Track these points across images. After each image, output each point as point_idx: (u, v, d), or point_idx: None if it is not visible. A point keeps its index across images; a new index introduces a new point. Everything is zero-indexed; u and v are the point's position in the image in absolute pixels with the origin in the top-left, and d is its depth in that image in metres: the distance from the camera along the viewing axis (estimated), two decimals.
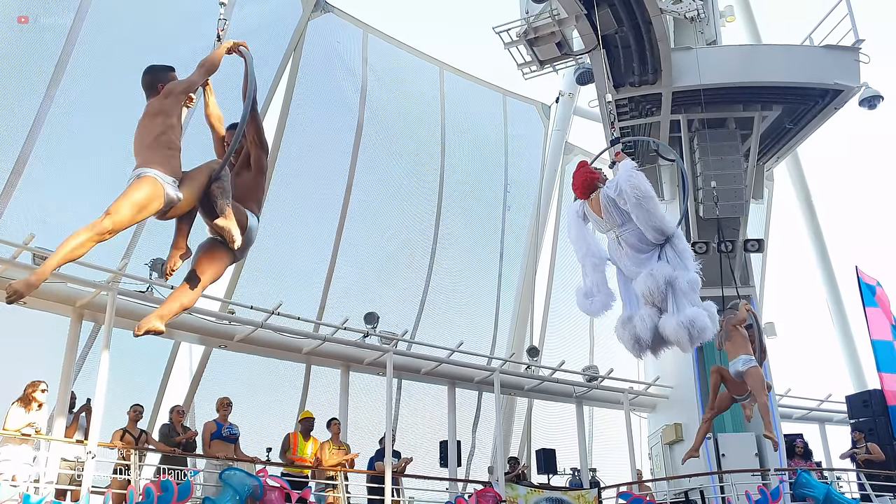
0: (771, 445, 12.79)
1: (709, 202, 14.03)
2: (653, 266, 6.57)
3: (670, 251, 6.61)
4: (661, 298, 6.54)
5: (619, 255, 6.87)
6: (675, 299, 6.49)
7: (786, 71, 13.97)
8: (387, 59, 17.27)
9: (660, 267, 6.54)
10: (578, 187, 7.11)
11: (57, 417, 9.11)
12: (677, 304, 6.47)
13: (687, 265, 6.58)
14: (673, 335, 6.48)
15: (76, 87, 11.81)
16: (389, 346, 12.45)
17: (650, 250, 6.66)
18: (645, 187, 6.55)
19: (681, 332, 6.42)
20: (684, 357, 13.97)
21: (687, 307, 6.45)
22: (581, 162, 7.40)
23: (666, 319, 6.51)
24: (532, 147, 19.86)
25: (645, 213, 6.52)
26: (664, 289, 6.48)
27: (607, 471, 15.22)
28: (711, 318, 6.63)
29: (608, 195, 6.72)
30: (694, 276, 6.52)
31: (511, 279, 18.57)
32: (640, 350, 6.91)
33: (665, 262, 6.58)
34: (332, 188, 15.75)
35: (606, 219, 6.82)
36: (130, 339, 10.84)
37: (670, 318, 6.48)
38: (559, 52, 14.27)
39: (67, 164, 11.86)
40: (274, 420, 13.31)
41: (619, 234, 6.76)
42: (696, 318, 6.40)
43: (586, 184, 7.02)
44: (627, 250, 6.74)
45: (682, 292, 6.46)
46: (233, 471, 9.37)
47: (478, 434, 16.06)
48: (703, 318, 6.41)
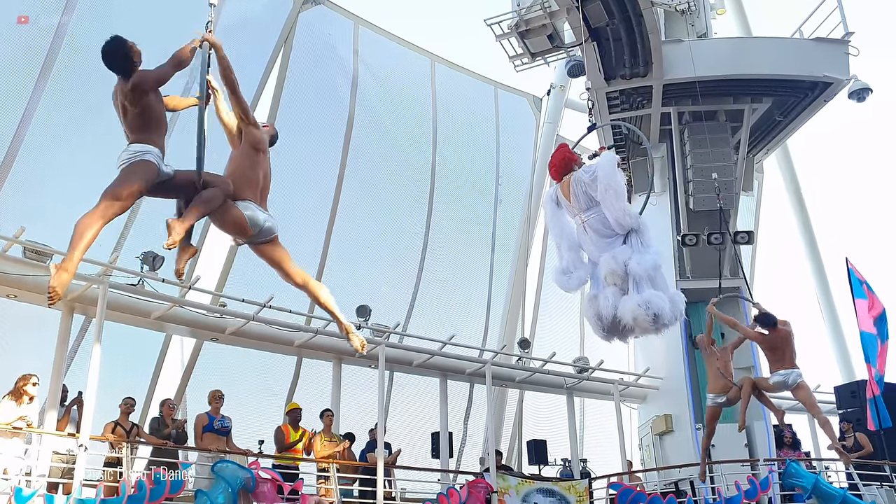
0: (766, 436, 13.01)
1: (699, 194, 14.11)
2: (616, 250, 6.71)
3: (635, 238, 6.74)
4: (622, 280, 6.67)
5: (584, 240, 7.01)
6: (636, 282, 6.60)
7: (776, 63, 14.03)
8: (378, 52, 17.24)
9: (621, 250, 6.69)
10: (554, 166, 7.25)
11: (48, 410, 9.10)
12: (638, 287, 6.59)
13: (648, 250, 6.68)
14: (629, 315, 6.61)
15: (65, 80, 11.75)
16: (381, 339, 12.48)
17: (614, 236, 6.79)
18: (618, 182, 6.69)
19: (637, 312, 6.54)
20: (675, 348, 14.12)
21: (645, 290, 6.56)
22: (562, 143, 7.50)
23: (624, 301, 6.66)
24: (523, 139, 19.87)
25: (611, 203, 6.66)
26: (624, 271, 6.61)
27: (598, 461, 15.32)
28: (672, 302, 6.72)
29: (580, 179, 6.86)
30: (653, 257, 6.61)
31: (502, 272, 18.61)
32: (601, 327, 7.05)
33: (628, 246, 6.70)
34: (322, 180, 15.75)
35: (574, 203, 6.98)
36: (122, 332, 10.93)
37: (628, 300, 6.63)
38: (550, 45, 14.33)
39: (56, 158, 11.81)
40: (266, 413, 13.33)
41: (584, 220, 6.92)
42: (652, 300, 6.51)
43: (563, 164, 7.15)
44: (592, 235, 6.91)
45: (642, 275, 6.57)
46: (225, 463, 9.38)
47: (469, 425, 16.13)
48: (658, 300, 6.51)
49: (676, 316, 6.84)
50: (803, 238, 20.10)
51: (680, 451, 13.83)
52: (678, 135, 14.65)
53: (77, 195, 12.09)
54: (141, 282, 10.42)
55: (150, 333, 11.86)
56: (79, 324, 10.99)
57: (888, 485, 12.07)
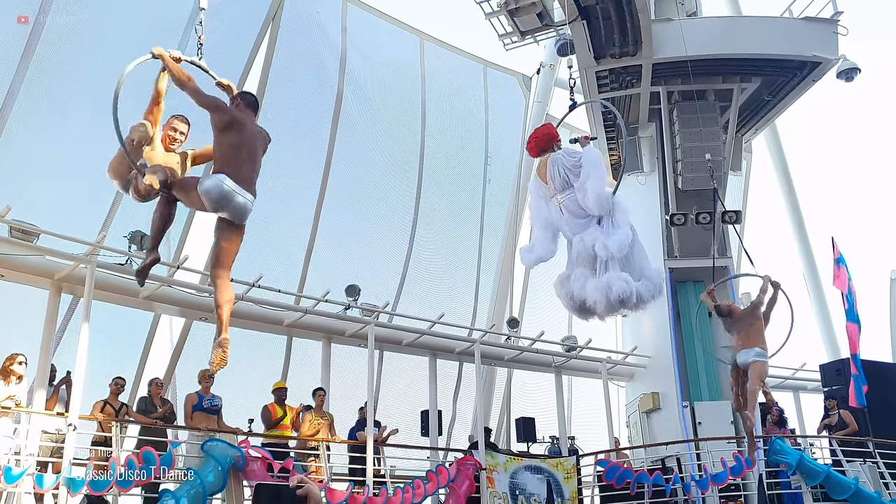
0: None
1: (688, 174, 14.14)
2: (587, 231, 6.75)
3: (606, 219, 6.78)
4: (591, 261, 6.72)
5: (560, 221, 7.05)
6: (603, 263, 6.65)
7: (765, 43, 14.03)
8: (367, 30, 17.10)
9: (591, 232, 6.74)
10: (535, 139, 7.26)
11: (37, 390, 9.09)
12: (605, 268, 6.64)
13: (617, 231, 6.72)
14: (591, 297, 6.67)
15: (50, 59, 11.63)
16: (371, 318, 12.50)
17: (588, 217, 6.83)
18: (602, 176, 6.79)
19: (597, 294, 6.60)
20: (662, 327, 14.23)
21: (609, 272, 6.60)
22: (547, 122, 7.51)
23: (588, 283, 6.72)
24: (513, 119, 19.82)
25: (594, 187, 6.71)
26: (592, 252, 6.65)
27: (586, 439, 15.45)
28: (646, 280, 6.78)
29: (559, 160, 6.88)
30: (618, 238, 6.63)
31: (491, 251, 18.64)
32: (573, 307, 7.13)
33: (598, 228, 6.75)
34: (312, 160, 15.68)
35: (550, 185, 6.99)
36: (110, 311, 10.89)
37: (590, 282, 6.69)
38: (540, 23, 14.26)
39: (42, 138, 11.71)
40: (255, 392, 13.34)
41: (560, 201, 6.95)
42: (613, 283, 6.56)
43: (544, 140, 7.16)
44: (567, 216, 6.94)
45: (608, 257, 6.62)
46: (215, 442, 9.42)
47: (458, 404, 16.22)
48: (620, 283, 6.56)
49: (653, 293, 6.88)
50: (791, 218, 20.22)
51: (667, 429, 13.97)
52: (667, 114, 14.65)
53: (63, 175, 12.08)
54: (129, 261, 10.37)
55: (139, 313, 11.83)
56: (66, 303, 10.94)
57: (871, 461, 12.24)
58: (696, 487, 11.95)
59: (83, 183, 12.27)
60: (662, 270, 7.11)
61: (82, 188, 12.25)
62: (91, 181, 12.25)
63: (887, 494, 11.86)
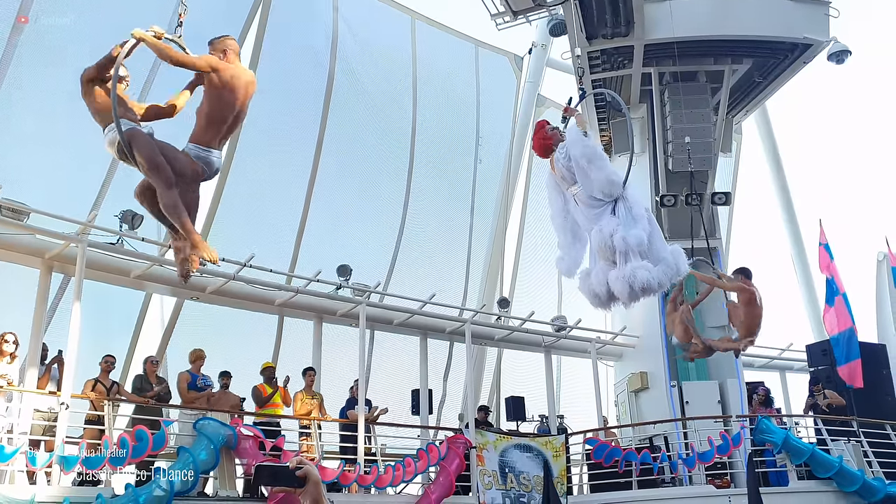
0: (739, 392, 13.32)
1: (679, 155, 14.18)
2: (602, 222, 6.77)
3: (622, 207, 6.78)
4: (610, 253, 6.76)
5: (577, 213, 7.08)
6: (623, 254, 6.68)
7: (756, 24, 14.04)
8: (358, 8, 17.00)
9: (608, 222, 6.76)
10: (537, 150, 7.31)
11: (28, 368, 9.09)
12: (625, 259, 6.68)
13: (636, 221, 6.74)
14: (616, 289, 6.72)
15: (38, 37, 11.53)
16: (362, 298, 12.54)
17: (602, 206, 6.85)
18: (592, 154, 6.75)
19: (620, 285, 6.65)
20: (651, 307, 14.28)
21: (631, 262, 6.65)
22: (539, 123, 7.50)
23: (611, 274, 6.76)
24: (504, 99, 19.79)
25: (594, 174, 6.71)
26: (611, 244, 6.69)
27: (575, 418, 15.59)
28: (672, 259, 6.82)
29: (558, 159, 6.91)
30: (638, 233, 6.66)
31: (482, 231, 18.67)
32: (599, 303, 7.17)
33: (615, 217, 6.76)
34: (303, 140, 15.63)
35: (561, 179, 7.02)
36: (101, 290, 10.89)
37: (614, 273, 6.73)
38: (532, 3, 14.23)
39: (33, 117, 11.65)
40: (247, 371, 13.39)
41: (574, 194, 6.97)
42: (637, 273, 6.61)
43: (542, 147, 7.19)
44: (582, 208, 6.96)
45: (629, 248, 6.65)
46: (207, 420, 9.48)
47: (448, 383, 16.32)
48: (643, 272, 6.60)
49: (670, 276, 6.91)
50: (780, 199, 20.33)
51: (655, 408, 14.12)
52: (658, 95, 14.67)
53: (55, 154, 12.01)
54: (120, 241, 10.36)
55: (130, 292, 11.83)
56: (57, 283, 10.94)
57: (855, 440, 12.42)
58: (684, 466, 12.13)
59: (74, 162, 12.23)
60: (680, 251, 7.11)
61: (73, 167, 12.21)
62: (82, 160, 12.21)
63: (870, 472, 12.06)
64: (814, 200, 20.63)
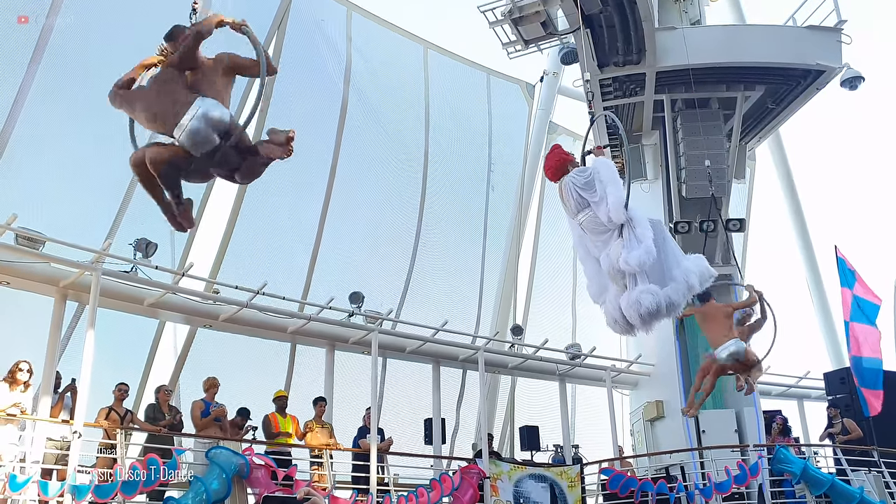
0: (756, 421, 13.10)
1: (692, 182, 14.15)
2: (610, 247, 6.76)
3: (626, 230, 6.75)
4: (620, 277, 6.72)
5: (586, 242, 7.07)
6: (631, 277, 6.65)
7: (769, 51, 14.06)
8: (371, 38, 17.16)
9: (615, 247, 6.73)
10: (550, 168, 7.29)
11: (42, 397, 9.10)
12: (634, 282, 6.64)
13: (640, 242, 6.69)
14: (628, 316, 6.68)
15: (56, 68, 11.68)
16: (374, 325, 12.51)
17: (608, 232, 6.83)
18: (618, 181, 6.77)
19: (630, 312, 6.61)
20: (666, 335, 14.20)
21: (638, 286, 6.60)
22: (555, 145, 7.52)
23: (622, 300, 6.72)
24: (516, 126, 19.86)
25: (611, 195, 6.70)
26: (619, 268, 6.66)
27: (590, 447, 15.41)
28: (695, 274, 6.75)
29: (572, 182, 6.90)
30: (637, 254, 6.61)
31: (495, 258, 18.64)
32: (620, 329, 7.11)
33: (620, 242, 6.74)
34: (316, 167, 15.71)
35: (568, 204, 7.01)
36: (115, 319, 10.92)
37: (623, 299, 6.69)
38: (544, 32, 14.28)
39: (49, 146, 11.75)
40: (259, 399, 13.35)
41: (580, 222, 6.96)
42: (640, 297, 6.57)
43: (557, 165, 7.18)
44: (589, 235, 6.95)
45: (632, 272, 6.62)
46: (219, 449, 9.42)
47: (462, 412, 16.20)
48: (646, 297, 6.56)
49: (684, 294, 6.84)
50: (794, 226, 20.19)
51: (671, 437, 13.95)
52: (671, 122, 14.68)
53: (70, 182, 12.12)
54: (134, 269, 10.41)
55: (144, 320, 11.85)
56: (71, 311, 10.97)
57: (876, 470, 12.20)
58: (701, 496, 11.92)
59: (89, 190, 12.33)
60: (698, 263, 7.03)
61: (88, 196, 12.30)
62: (97, 189, 12.32)
63: None
64: (829, 226, 20.52)
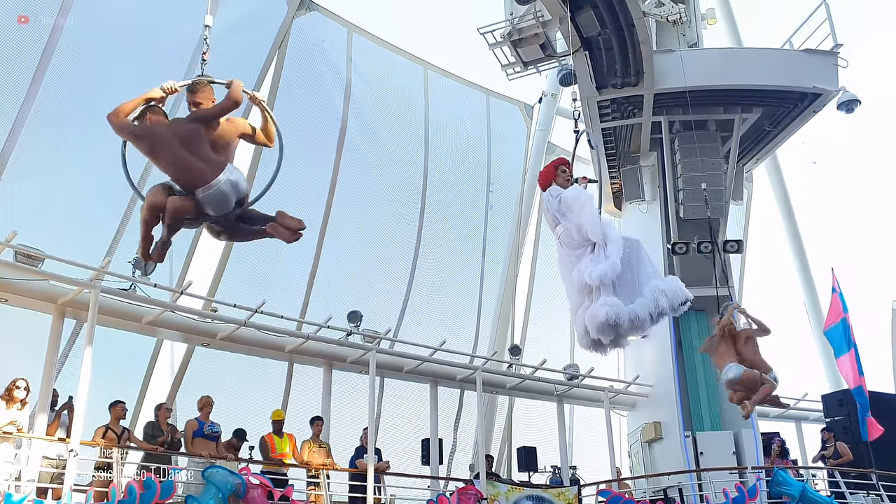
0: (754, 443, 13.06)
1: (690, 203, 14.19)
2: (580, 264, 6.85)
3: (598, 248, 6.85)
4: (588, 292, 6.80)
5: (562, 255, 7.16)
6: (596, 292, 6.73)
7: (766, 74, 14.15)
8: (371, 59, 17.31)
9: (584, 262, 6.82)
10: (543, 172, 7.43)
11: (39, 415, 9.06)
12: (598, 297, 6.73)
13: (606, 258, 6.77)
14: (587, 326, 6.76)
15: (58, 87, 11.76)
16: (372, 345, 12.50)
17: (581, 248, 6.92)
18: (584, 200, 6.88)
19: (589, 322, 6.69)
20: (664, 356, 14.21)
21: (599, 299, 6.69)
22: (561, 159, 7.60)
23: (581, 314, 6.82)
24: (515, 147, 19.98)
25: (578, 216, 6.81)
26: (585, 282, 6.74)
27: (587, 468, 15.36)
28: (635, 308, 6.81)
29: (546, 199, 7.04)
30: (601, 268, 6.70)
31: (493, 278, 18.67)
32: (586, 343, 7.17)
33: (589, 258, 6.83)
34: (315, 185, 15.78)
35: (547, 218, 7.15)
36: (113, 337, 10.91)
37: (582, 313, 6.78)
38: (543, 54, 14.40)
39: (49, 164, 11.82)
40: (256, 418, 13.31)
41: (558, 236, 7.07)
42: (597, 309, 6.65)
43: (545, 175, 7.31)
44: (565, 250, 7.04)
45: (596, 286, 6.70)
46: (215, 469, 9.37)
47: (459, 432, 16.14)
48: (602, 309, 6.64)
49: (660, 308, 6.88)
50: (792, 247, 20.24)
51: (669, 459, 13.89)
52: (668, 144, 14.75)
53: (69, 200, 12.15)
54: (133, 287, 10.41)
55: (141, 338, 11.84)
56: (69, 328, 10.96)
57: (874, 493, 12.16)
58: None
59: (88, 208, 12.36)
60: (671, 285, 7.07)
61: (88, 213, 12.34)
62: (96, 207, 12.36)
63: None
64: (826, 249, 20.54)
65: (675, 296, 6.99)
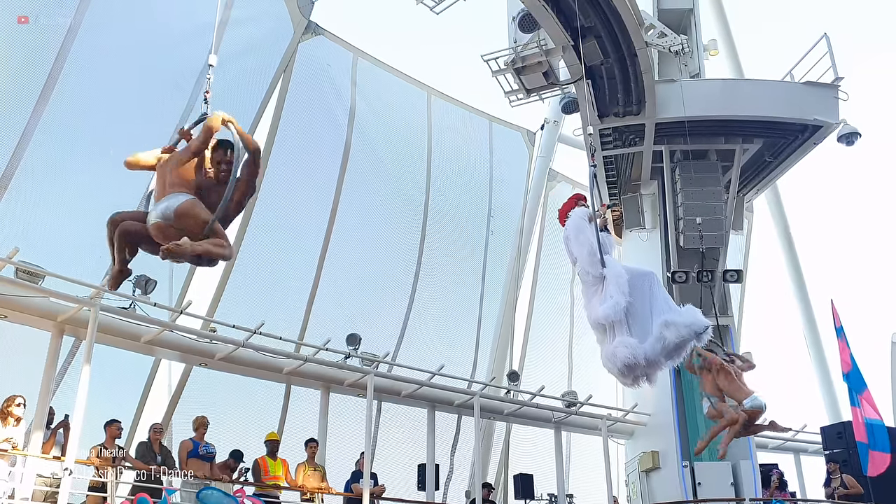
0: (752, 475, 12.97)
1: (690, 232, 14.22)
2: (592, 300, 6.90)
3: (603, 285, 6.91)
4: (601, 330, 6.84)
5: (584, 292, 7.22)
6: (611, 330, 6.76)
7: (767, 105, 14.26)
8: (376, 83, 17.44)
9: (595, 301, 6.87)
10: (560, 212, 7.49)
11: (34, 433, 9.03)
12: (613, 336, 6.76)
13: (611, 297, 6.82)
14: (606, 367, 6.79)
15: (64, 103, 11.84)
16: (370, 368, 12.47)
17: (594, 285, 6.97)
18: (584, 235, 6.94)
19: (609, 365, 6.71)
20: (662, 385, 14.09)
21: (616, 339, 6.71)
22: (575, 195, 7.68)
23: (602, 353, 6.85)
24: (516, 173, 20.06)
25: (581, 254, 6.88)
26: (598, 323, 6.79)
27: (584, 497, 15.23)
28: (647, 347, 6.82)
29: (565, 236, 7.13)
30: (602, 310, 6.76)
31: (492, 304, 18.66)
32: (622, 379, 7.17)
33: (600, 296, 6.88)
34: (317, 210, 15.83)
35: (569, 255, 7.22)
36: (111, 355, 10.89)
37: (604, 351, 6.81)
38: (545, 82, 14.50)
39: (52, 180, 11.87)
40: (252, 440, 13.24)
41: (578, 272, 7.15)
42: (616, 350, 6.68)
43: (564, 212, 7.37)
44: (583, 287, 7.10)
45: (605, 326, 6.74)
46: (209, 490, 9.32)
47: (455, 458, 16.04)
48: (621, 349, 6.67)
49: (667, 343, 6.89)
50: (792, 278, 20.24)
51: (666, 489, 13.79)
52: (669, 173, 14.80)
53: (71, 217, 12.20)
54: (133, 305, 10.41)
55: (139, 357, 11.82)
56: (67, 346, 10.94)
57: None
58: None
59: (90, 226, 12.39)
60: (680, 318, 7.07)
61: (89, 231, 12.36)
62: (98, 224, 12.37)
63: None
64: (826, 280, 20.54)
65: (686, 328, 7.01)
